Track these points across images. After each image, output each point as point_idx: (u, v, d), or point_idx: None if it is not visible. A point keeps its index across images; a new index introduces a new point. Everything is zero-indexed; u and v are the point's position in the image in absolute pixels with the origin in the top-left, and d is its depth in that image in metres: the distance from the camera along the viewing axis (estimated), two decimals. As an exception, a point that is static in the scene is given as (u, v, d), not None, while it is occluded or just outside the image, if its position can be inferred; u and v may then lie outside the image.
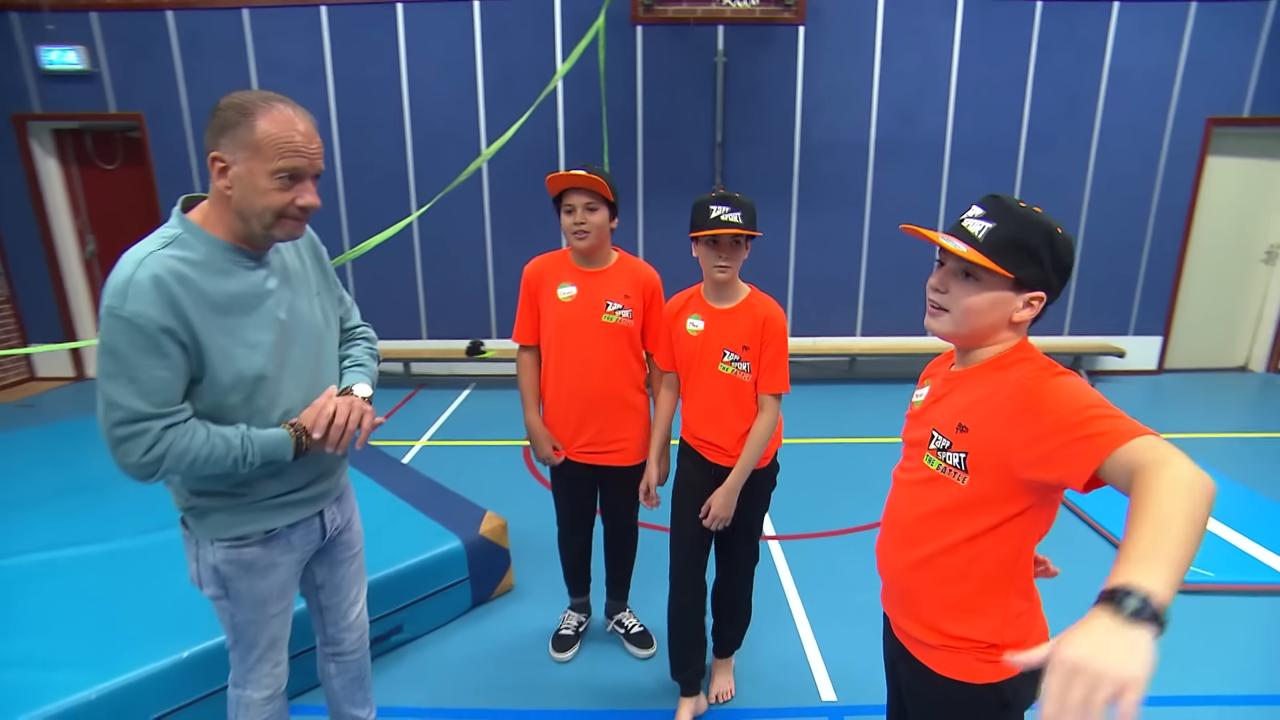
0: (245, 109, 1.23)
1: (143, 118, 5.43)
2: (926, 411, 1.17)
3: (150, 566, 2.36)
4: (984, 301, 1.04)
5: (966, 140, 5.35)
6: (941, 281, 1.08)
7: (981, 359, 1.10)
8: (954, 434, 1.07)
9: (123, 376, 1.19)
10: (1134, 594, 0.68)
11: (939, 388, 1.17)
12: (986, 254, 1.01)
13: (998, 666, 1.09)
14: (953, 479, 1.07)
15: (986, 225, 1.02)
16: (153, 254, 1.22)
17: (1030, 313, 1.05)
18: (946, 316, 1.08)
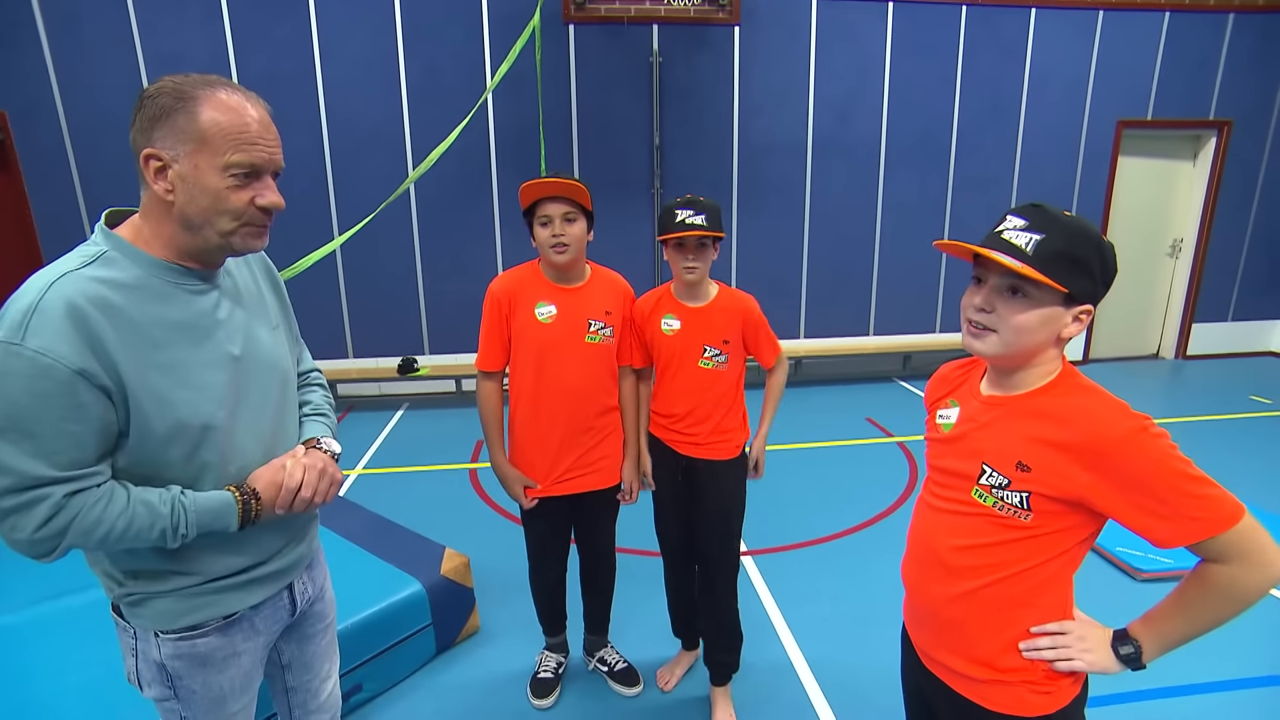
0: (183, 94, 0.99)
1: (6, 116, 4.79)
2: (968, 440, 1.09)
3: (53, 643, 1.98)
4: (1036, 319, 0.98)
5: (901, 140, 5.45)
6: (987, 300, 1.02)
7: (1027, 385, 1.04)
8: (1014, 472, 1.01)
9: (15, 431, 0.91)
10: (1134, 649, 1.04)
11: (978, 413, 1.09)
12: (1039, 268, 0.95)
13: (1051, 697, 1.06)
14: (1014, 517, 1.02)
15: (1034, 237, 0.97)
16: (68, 275, 0.95)
17: (1079, 327, 1.01)
18: (994, 338, 1.02)
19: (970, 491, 1.07)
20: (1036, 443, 1.00)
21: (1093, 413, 0.97)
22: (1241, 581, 0.93)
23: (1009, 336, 1.00)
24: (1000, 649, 1.07)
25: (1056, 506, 0.99)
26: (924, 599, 1.15)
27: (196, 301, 1.06)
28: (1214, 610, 0.96)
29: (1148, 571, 2.82)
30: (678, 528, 2.09)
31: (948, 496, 1.12)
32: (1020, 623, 1.05)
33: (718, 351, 1.91)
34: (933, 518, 1.14)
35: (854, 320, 5.74)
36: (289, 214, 4.71)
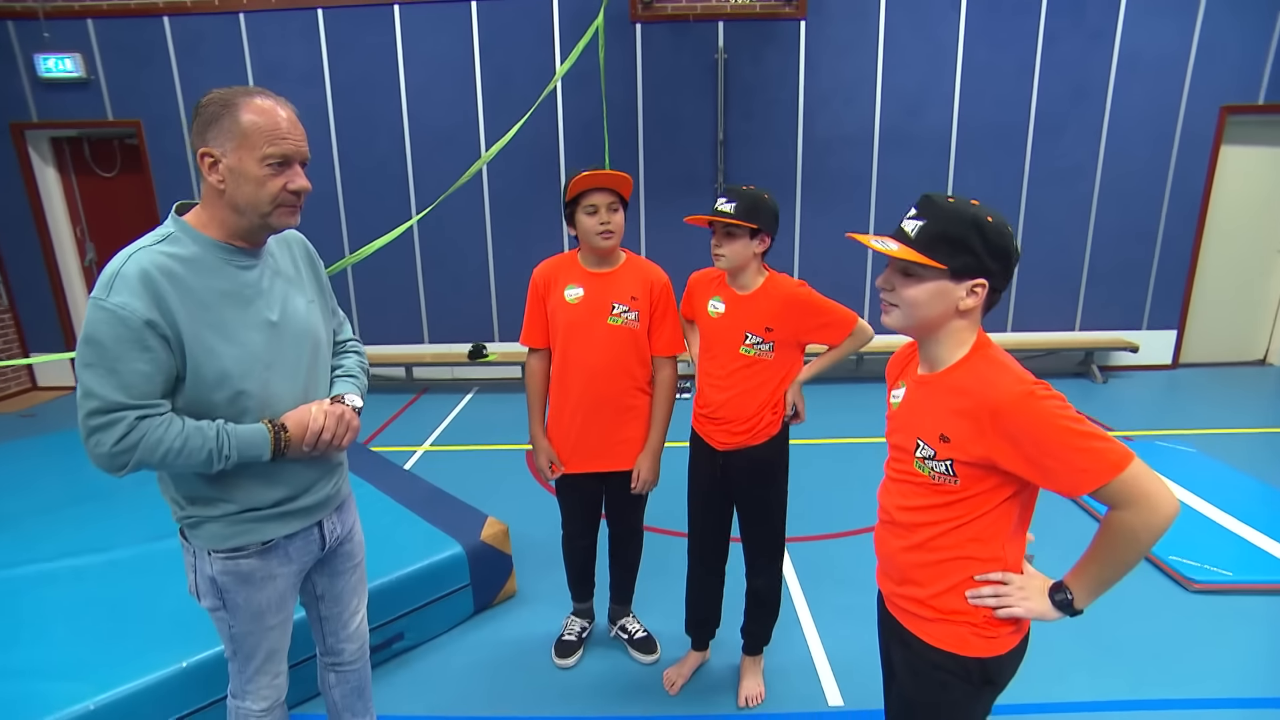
0: (227, 102, 1.23)
1: (140, 124, 5.42)
2: (906, 417, 1.22)
3: (149, 576, 2.32)
4: (925, 293, 1.10)
5: (973, 131, 5.28)
6: (886, 280, 1.15)
7: (945, 361, 1.15)
8: (937, 444, 1.13)
9: (102, 366, 1.17)
10: (1067, 595, 1.12)
11: (913, 392, 1.22)
12: (918, 249, 1.08)
13: (989, 642, 1.17)
14: (944, 483, 1.14)
15: (918, 223, 1.10)
16: (142, 249, 1.22)
17: (975, 300, 1.10)
18: (897, 312, 1.14)
19: (911, 463, 1.19)
20: (951, 414, 1.11)
21: (989, 380, 1.08)
22: (1134, 524, 1.02)
23: (906, 309, 1.13)
24: (943, 591, 1.18)
25: (975, 471, 1.10)
26: (884, 551, 1.28)
27: (242, 275, 1.31)
28: (1120, 554, 1.06)
29: (1201, 582, 2.69)
30: (709, 531, 2.13)
31: (898, 468, 1.25)
32: (960, 571, 1.17)
33: (760, 339, 1.91)
34: (888, 486, 1.27)
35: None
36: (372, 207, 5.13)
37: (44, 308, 5.82)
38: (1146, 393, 5.24)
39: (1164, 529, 1.02)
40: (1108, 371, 5.67)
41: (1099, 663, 2.30)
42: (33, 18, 5.19)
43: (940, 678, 1.20)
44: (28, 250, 5.68)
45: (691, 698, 2.21)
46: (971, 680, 1.18)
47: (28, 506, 2.93)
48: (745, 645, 2.24)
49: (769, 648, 2.27)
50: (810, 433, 4.34)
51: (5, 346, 5.77)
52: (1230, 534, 3.00)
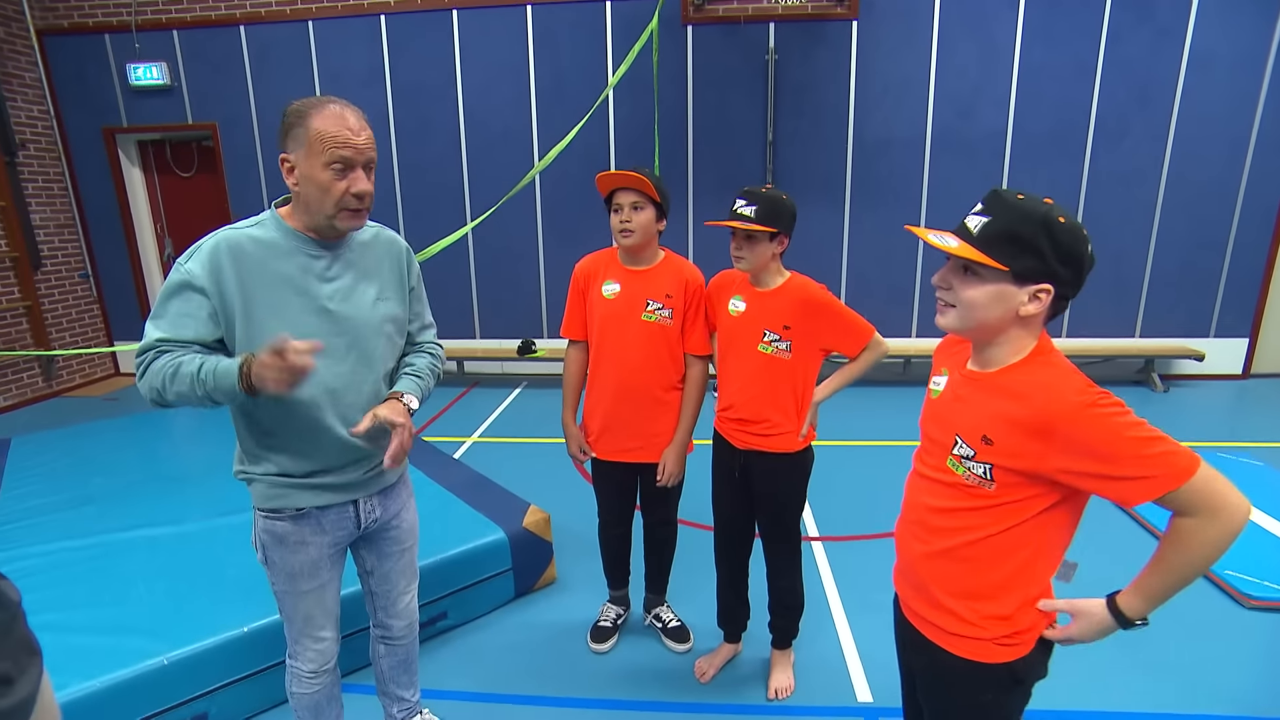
0: (302, 112, 1.36)
1: (216, 127, 5.74)
2: (948, 410, 1.16)
3: (215, 548, 2.50)
4: (984, 295, 1.04)
5: (1029, 135, 5.16)
6: (944, 278, 1.10)
7: (1000, 362, 1.09)
8: (979, 444, 1.08)
9: (159, 315, 1.36)
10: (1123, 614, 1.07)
11: (959, 386, 1.16)
12: (979, 248, 1.02)
13: (1012, 649, 1.13)
14: (979, 487, 1.09)
15: (983, 220, 1.04)
16: (229, 228, 1.41)
17: (1038, 306, 1.03)
18: (953, 312, 1.10)
19: (945, 460, 1.14)
20: (999, 417, 1.06)
21: (1046, 387, 1.02)
22: (1204, 531, 0.97)
23: (963, 311, 1.07)
24: (964, 602, 1.14)
25: (1015, 478, 1.05)
26: (905, 554, 1.24)
27: (311, 263, 1.44)
28: (1188, 563, 1.00)
29: (1257, 599, 2.59)
30: (733, 525, 2.18)
31: (929, 462, 1.20)
32: (986, 582, 1.12)
33: (777, 337, 1.93)
34: (916, 481, 1.23)
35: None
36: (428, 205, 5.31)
37: (127, 299, 6.22)
38: (1212, 402, 5.02)
39: (1236, 534, 0.97)
40: (1170, 380, 5.45)
41: (1150, 676, 2.25)
42: (126, 30, 5.57)
43: (968, 685, 1.17)
44: (115, 246, 6.09)
45: (722, 687, 2.25)
46: (1001, 684, 1.15)
47: (110, 482, 3.17)
48: (774, 639, 2.27)
49: (800, 642, 2.30)
50: (853, 434, 4.32)
51: (94, 335, 6.19)
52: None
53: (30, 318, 5.51)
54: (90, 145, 5.88)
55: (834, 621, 2.57)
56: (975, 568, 1.12)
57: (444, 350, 1.79)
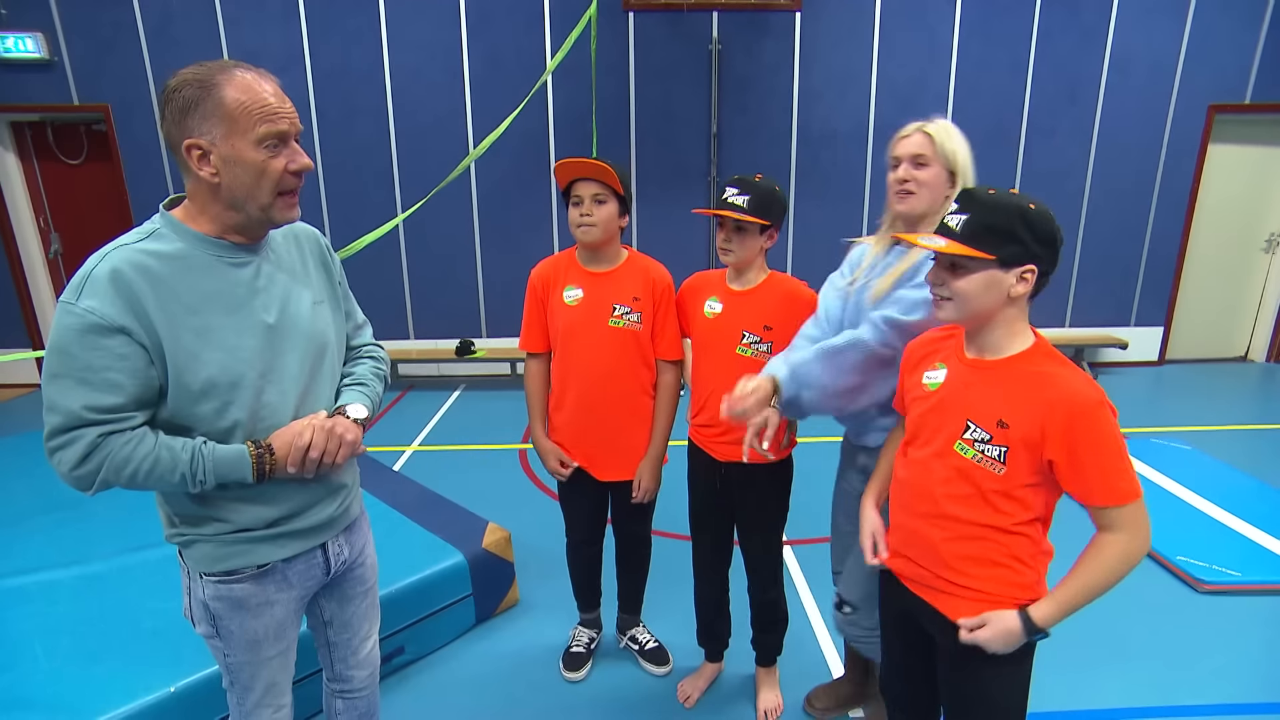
0: (204, 83, 1.08)
1: (109, 110, 5.17)
2: (956, 398, 1.22)
3: (129, 591, 2.18)
4: (976, 284, 1.13)
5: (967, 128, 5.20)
6: (936, 276, 1.19)
7: (1004, 350, 1.18)
8: (994, 429, 1.16)
9: (68, 377, 1.05)
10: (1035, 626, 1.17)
11: (963, 375, 1.22)
12: (965, 243, 1.12)
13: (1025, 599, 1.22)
14: (988, 469, 1.17)
15: (962, 218, 1.13)
16: (120, 247, 1.09)
17: (1025, 286, 1.13)
18: (951, 305, 1.17)
19: (952, 445, 1.21)
20: (1015, 402, 1.14)
21: (1065, 380, 1.12)
22: (1124, 547, 1.12)
23: (959, 302, 1.16)
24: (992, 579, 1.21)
25: (1029, 462, 1.14)
26: (921, 539, 1.29)
27: (235, 273, 1.17)
28: (1105, 575, 1.14)
29: (1210, 583, 2.68)
30: (712, 540, 2.07)
31: (930, 449, 1.26)
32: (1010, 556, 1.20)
33: (758, 338, 1.82)
34: (918, 468, 1.28)
35: (912, 313, 5.61)
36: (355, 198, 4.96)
37: (6, 301, 5.54)
38: (1136, 389, 5.28)
39: (1141, 557, 1.14)
40: (1097, 368, 5.71)
41: (1112, 668, 2.27)
42: (-10, -6, 4.92)
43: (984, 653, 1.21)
44: (-12, 241, 5.41)
45: (708, 711, 2.13)
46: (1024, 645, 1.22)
47: (-6, 514, 2.76)
48: (758, 657, 2.17)
49: (784, 657, 2.20)
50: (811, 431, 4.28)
51: (-36, 342, 5.49)
52: (1235, 534, 3.00)
53: (-114, 324, 4.82)
54: (-46, 127, 5.18)
55: (814, 631, 2.50)
56: (1000, 545, 1.20)
57: (386, 352, 1.57)
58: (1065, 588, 1.16)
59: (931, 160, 1.54)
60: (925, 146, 1.54)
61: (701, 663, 2.24)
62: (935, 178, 1.54)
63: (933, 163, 1.54)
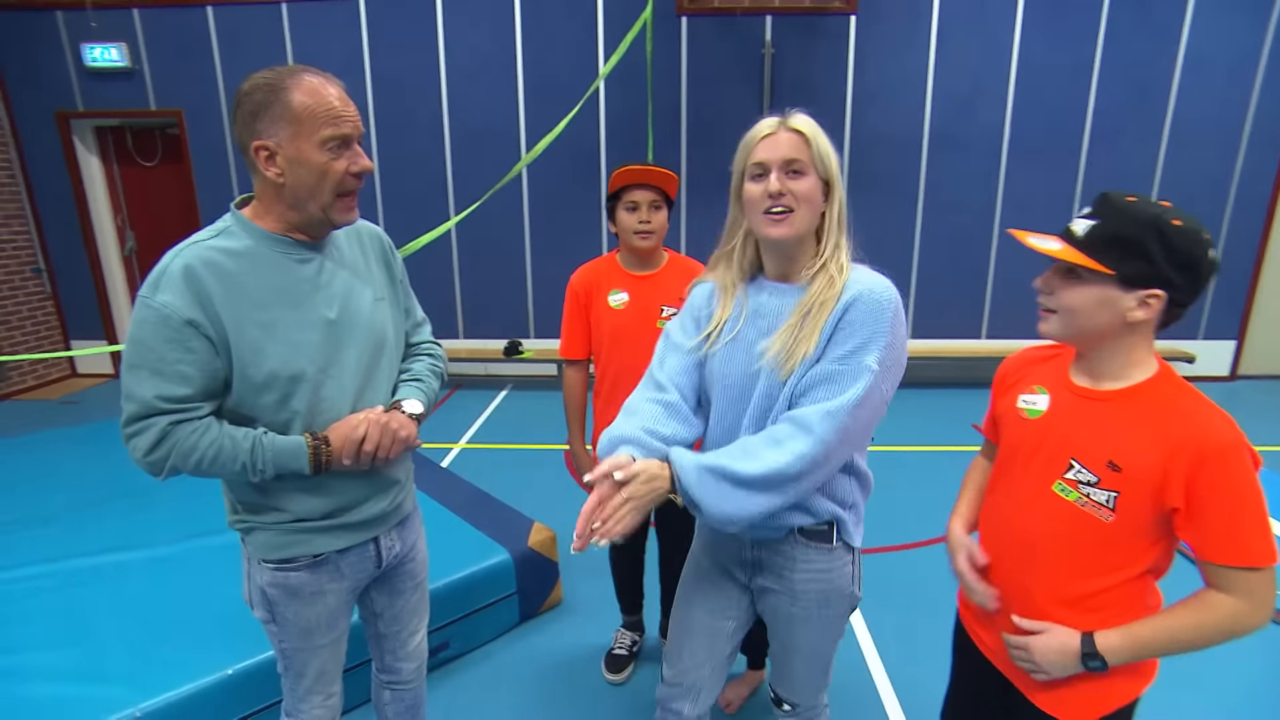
0: (274, 86, 1.13)
1: (182, 114, 5.42)
2: (1057, 431, 1.08)
3: (192, 575, 2.28)
4: (1087, 300, 1.00)
5: (1027, 134, 5.10)
6: (1046, 282, 1.06)
7: (1117, 378, 1.03)
8: (1103, 470, 1.01)
9: (144, 368, 1.12)
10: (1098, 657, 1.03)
11: (1069, 404, 1.08)
12: (1084, 251, 0.99)
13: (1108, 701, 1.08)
14: (1094, 514, 1.02)
15: (1090, 223, 1.00)
16: (193, 244, 1.15)
17: (1147, 313, 0.98)
18: (1054, 318, 1.05)
19: (1051, 484, 1.06)
20: (1131, 441, 0.99)
21: (1196, 417, 0.96)
22: (1242, 618, 0.96)
23: (1065, 316, 1.03)
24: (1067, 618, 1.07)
25: (1140, 509, 0.99)
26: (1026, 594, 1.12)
27: (299, 269, 1.22)
28: (1196, 630, 0.99)
29: None
30: None
31: (1024, 486, 1.12)
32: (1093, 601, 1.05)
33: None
34: (1018, 509, 1.13)
35: (966, 323, 5.45)
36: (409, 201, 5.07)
37: (85, 295, 5.86)
38: (1204, 406, 5.03)
39: (1248, 633, 0.99)
40: (1162, 383, 5.46)
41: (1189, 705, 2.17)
42: (80, 7, 5.20)
43: None
44: (71, 239, 5.72)
45: (749, 718, 2.12)
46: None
47: (72, 498, 2.91)
48: (751, 660, 2.16)
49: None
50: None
51: (48, 334, 5.82)
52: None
53: (-21, 316, 5.14)
54: (42, 130, 5.49)
55: (859, 643, 2.45)
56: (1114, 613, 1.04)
57: (444, 349, 1.60)
58: (1145, 626, 1.02)
59: (808, 167, 1.17)
60: (800, 149, 1.16)
61: (744, 670, 2.23)
62: (814, 192, 1.17)
63: (809, 171, 1.17)
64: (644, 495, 1.09)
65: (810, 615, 1.31)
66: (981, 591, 1.15)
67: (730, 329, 1.25)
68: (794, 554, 1.29)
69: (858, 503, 1.32)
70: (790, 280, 1.24)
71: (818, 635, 1.35)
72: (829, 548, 1.29)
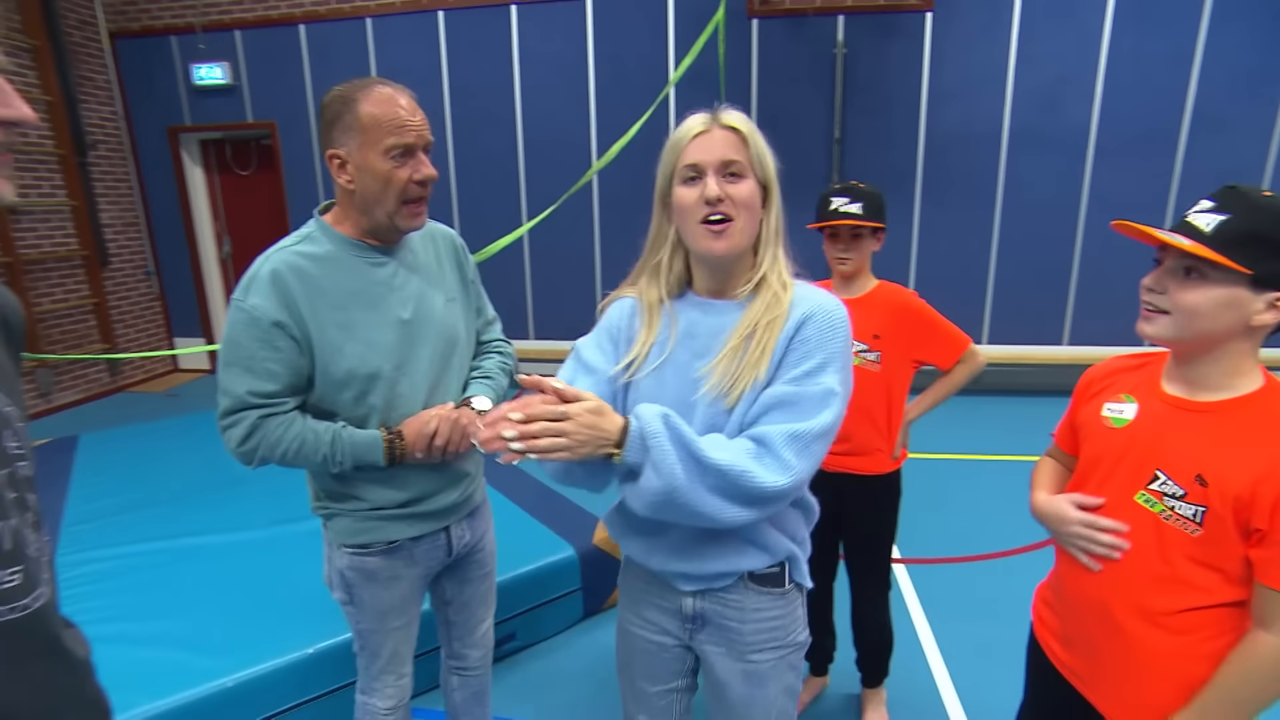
0: (347, 98, 1.21)
1: (275, 126, 5.77)
2: (1143, 441, 1.02)
3: (279, 558, 2.43)
4: (1212, 301, 0.92)
5: (1116, 128, 4.83)
6: (1158, 280, 0.98)
7: (1221, 390, 0.97)
8: (1190, 484, 0.95)
9: (237, 365, 1.22)
10: None
11: (1159, 414, 1.02)
12: (1215, 248, 0.91)
13: None
14: (1179, 528, 0.96)
15: (1218, 218, 0.92)
16: (280, 250, 1.25)
17: (1274, 316, 0.92)
18: (1166, 320, 0.96)
19: (1133, 495, 1.02)
20: (1225, 455, 0.93)
21: None
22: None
23: (1180, 319, 0.95)
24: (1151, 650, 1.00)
25: (1230, 526, 0.93)
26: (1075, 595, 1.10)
27: (374, 272, 1.30)
28: (1255, 683, 0.93)
29: None
30: (818, 549, 2.01)
31: (1105, 494, 1.06)
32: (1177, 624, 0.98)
33: (865, 347, 1.79)
34: None
35: (1046, 328, 5.20)
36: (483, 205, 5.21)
37: (186, 296, 6.31)
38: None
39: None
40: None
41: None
42: (191, 31, 5.63)
43: None
44: (176, 244, 6.18)
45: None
46: None
47: (173, 484, 3.15)
48: (863, 678, 2.12)
49: (892, 680, 2.13)
50: (924, 447, 4.10)
51: (155, 332, 6.29)
52: None
53: (98, 314, 5.61)
54: (156, 144, 5.96)
55: (925, 655, 2.38)
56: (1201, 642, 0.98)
57: (514, 348, 1.66)
58: (1208, 691, 0.96)
59: (746, 170, 1.03)
60: (738, 149, 1.03)
61: (806, 676, 2.21)
62: (754, 197, 1.04)
63: (748, 173, 1.03)
64: (587, 429, 0.93)
65: (766, 674, 1.14)
66: (1108, 541, 1.04)
67: (659, 352, 1.10)
68: (744, 603, 1.11)
69: (806, 538, 1.18)
70: (724, 296, 1.10)
71: (776, 695, 1.16)
72: (781, 591, 1.13)
